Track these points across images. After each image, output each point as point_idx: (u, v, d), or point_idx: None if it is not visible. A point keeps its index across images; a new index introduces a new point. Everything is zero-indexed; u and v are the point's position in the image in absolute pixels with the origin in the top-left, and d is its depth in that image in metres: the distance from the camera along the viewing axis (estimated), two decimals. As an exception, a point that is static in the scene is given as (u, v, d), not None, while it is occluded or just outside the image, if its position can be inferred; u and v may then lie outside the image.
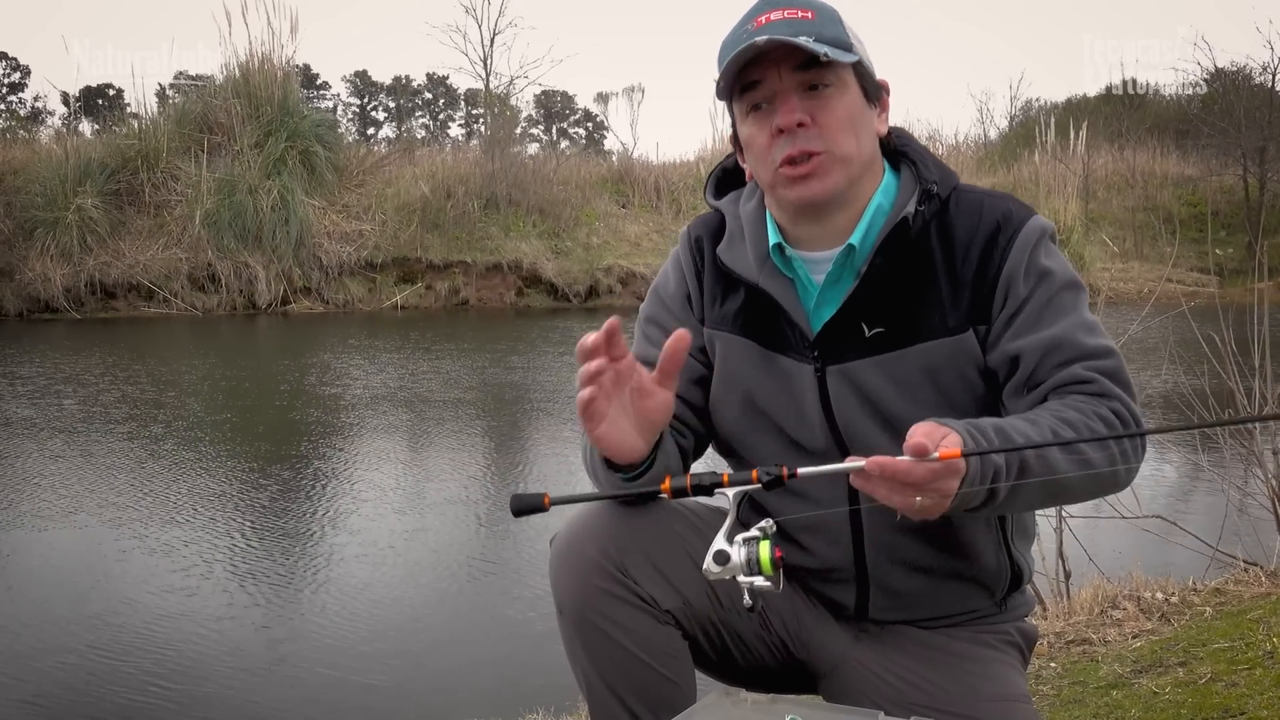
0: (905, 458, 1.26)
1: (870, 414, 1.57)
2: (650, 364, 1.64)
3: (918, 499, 1.28)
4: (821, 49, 1.46)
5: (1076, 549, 3.79)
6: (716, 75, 1.57)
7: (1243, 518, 4.01)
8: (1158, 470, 6.35)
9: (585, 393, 1.38)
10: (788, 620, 1.68)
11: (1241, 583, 3.52)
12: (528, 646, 3.91)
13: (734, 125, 1.62)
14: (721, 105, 1.67)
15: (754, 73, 1.51)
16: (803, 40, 1.46)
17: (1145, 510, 3.84)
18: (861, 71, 1.55)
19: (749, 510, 1.74)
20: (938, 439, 1.28)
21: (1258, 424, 3.92)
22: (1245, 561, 3.75)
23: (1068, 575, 3.74)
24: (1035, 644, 1.77)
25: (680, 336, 1.39)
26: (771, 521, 1.32)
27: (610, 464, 1.51)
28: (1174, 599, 3.40)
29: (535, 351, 12.22)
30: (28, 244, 15.17)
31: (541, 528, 5.21)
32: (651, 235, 18.29)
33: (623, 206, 19.29)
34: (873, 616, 1.67)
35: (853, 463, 1.30)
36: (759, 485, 1.34)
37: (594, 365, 1.38)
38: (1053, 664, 2.94)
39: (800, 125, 1.50)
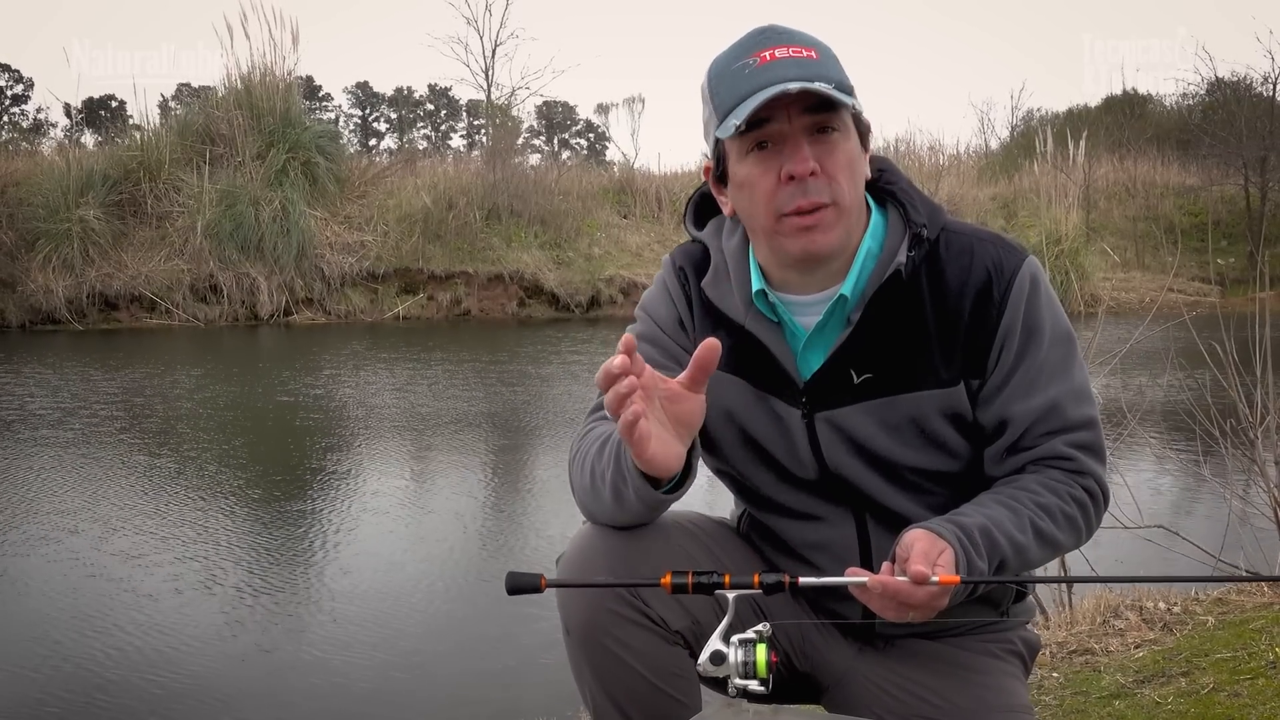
0: (905, 579, 1.33)
1: (858, 456, 1.58)
2: None
3: (910, 614, 1.36)
4: (848, 100, 1.44)
5: (1079, 558, 3.79)
6: (710, 109, 1.53)
7: (1244, 527, 4.00)
8: (1159, 480, 6.34)
9: (629, 414, 1.32)
10: (792, 634, 1.68)
11: (1244, 592, 3.52)
12: (531, 657, 3.90)
13: (718, 160, 1.57)
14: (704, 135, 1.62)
15: (761, 110, 1.45)
16: (822, 87, 1.43)
17: (1147, 520, 3.83)
18: (858, 116, 1.52)
19: (755, 533, 1.75)
20: (934, 558, 1.35)
21: (1259, 435, 3.91)
22: (1248, 571, 3.75)
23: (1070, 585, 3.73)
24: (1037, 653, 1.78)
25: (712, 345, 1.35)
26: (768, 625, 1.32)
27: (648, 480, 1.45)
28: (1176, 609, 3.40)
29: (538, 362, 12.23)
30: (30, 255, 15.17)
31: (546, 544, 5.22)
32: (653, 245, 18.30)
33: (624, 217, 19.31)
34: (879, 630, 1.68)
35: (855, 577, 1.36)
36: (759, 590, 1.33)
37: (625, 385, 1.32)
38: (1055, 674, 2.93)
39: (812, 174, 1.46)
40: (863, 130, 1.55)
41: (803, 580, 1.34)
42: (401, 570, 4.94)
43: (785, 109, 1.46)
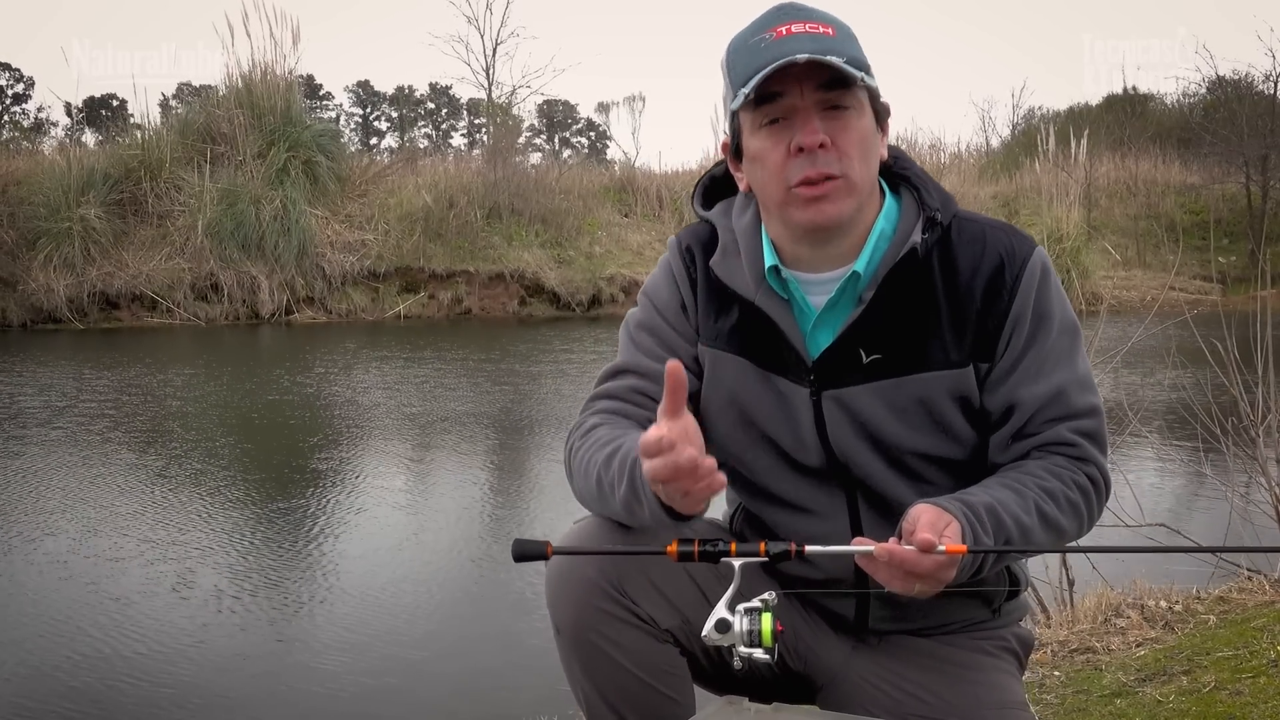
0: (912, 548, 1.33)
1: (864, 438, 1.58)
2: (639, 372, 1.65)
3: (916, 585, 1.36)
4: (857, 74, 1.45)
5: (1079, 557, 3.79)
6: (727, 83, 1.54)
7: (1246, 525, 3.99)
8: (1161, 478, 6.34)
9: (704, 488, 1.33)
10: (785, 633, 1.68)
11: (1245, 591, 3.51)
12: (529, 656, 3.90)
13: (734, 135, 1.58)
14: (721, 112, 1.63)
15: (774, 84, 1.47)
16: (835, 60, 1.44)
17: (1148, 518, 3.83)
18: (874, 95, 1.53)
19: (749, 527, 1.75)
20: (940, 530, 1.36)
21: (1260, 433, 3.91)
22: (1249, 569, 3.74)
23: (1071, 583, 3.73)
24: (1032, 650, 1.78)
25: (674, 368, 1.32)
26: (774, 594, 1.33)
27: (670, 513, 1.44)
28: (1177, 607, 3.39)
29: (538, 361, 12.23)
30: (31, 254, 15.19)
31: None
32: (654, 244, 18.30)
33: (625, 215, 19.32)
34: (872, 627, 1.67)
35: (862, 546, 1.36)
36: (766, 558, 1.34)
37: (685, 458, 1.30)
38: (1056, 672, 2.93)
39: (821, 146, 1.47)
40: (880, 111, 1.55)
41: (809, 549, 1.35)
42: (395, 570, 4.94)
43: (798, 84, 1.47)
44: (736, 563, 1.34)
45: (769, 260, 1.58)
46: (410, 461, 7.51)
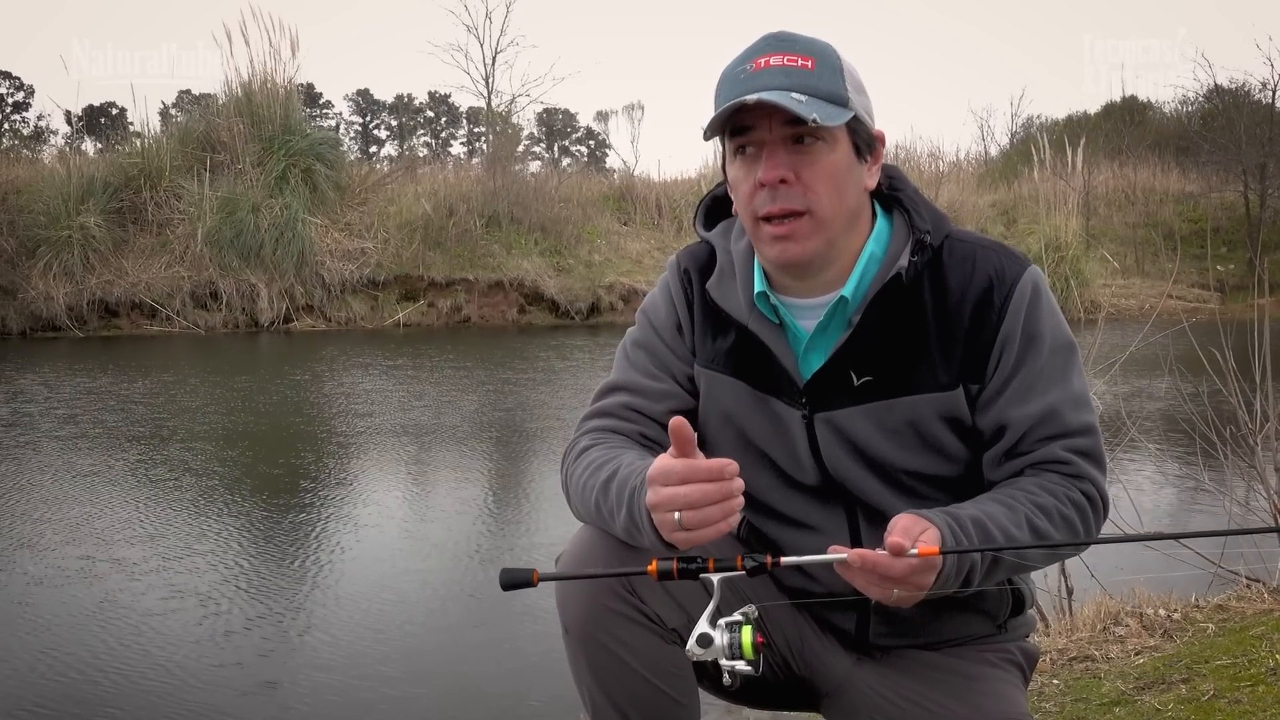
0: (884, 552, 1.32)
1: (857, 458, 1.59)
2: (631, 389, 1.67)
3: (894, 591, 1.35)
4: (811, 114, 1.43)
5: (1079, 565, 3.79)
6: (712, 110, 1.55)
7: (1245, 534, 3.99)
8: (1159, 487, 6.34)
9: (712, 532, 1.36)
10: (790, 638, 1.69)
11: (1244, 599, 3.51)
12: (531, 662, 3.90)
13: (724, 157, 1.60)
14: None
15: (745, 117, 1.49)
16: (792, 101, 1.43)
17: (1147, 527, 3.83)
18: (856, 126, 1.52)
19: (755, 540, 1.75)
20: (915, 535, 1.35)
21: (1259, 442, 3.91)
22: (1248, 578, 3.74)
23: (1070, 592, 3.73)
24: (1036, 663, 1.77)
25: (679, 423, 1.35)
26: (754, 607, 1.34)
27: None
28: (1176, 615, 3.39)
29: (538, 369, 12.23)
30: (30, 262, 15.22)
31: (545, 546, 5.22)
32: (653, 252, 18.34)
33: (624, 224, 19.36)
34: (873, 642, 1.68)
35: (835, 554, 1.35)
36: (743, 572, 1.34)
37: (718, 487, 1.34)
38: (1055, 681, 2.93)
39: (783, 182, 1.48)
40: (862, 140, 1.55)
41: (784, 560, 1.35)
42: (399, 578, 4.93)
43: (767, 118, 1.48)
44: (715, 578, 1.34)
45: (758, 286, 1.59)
46: (409, 471, 7.50)
